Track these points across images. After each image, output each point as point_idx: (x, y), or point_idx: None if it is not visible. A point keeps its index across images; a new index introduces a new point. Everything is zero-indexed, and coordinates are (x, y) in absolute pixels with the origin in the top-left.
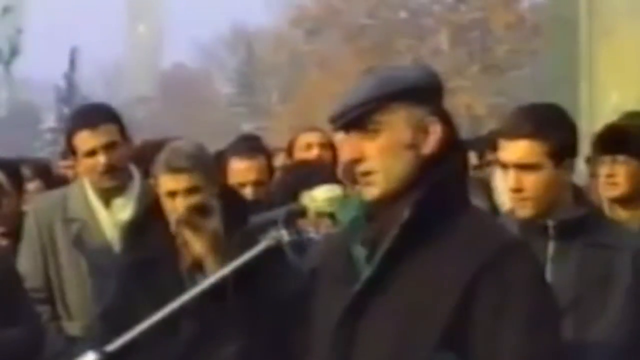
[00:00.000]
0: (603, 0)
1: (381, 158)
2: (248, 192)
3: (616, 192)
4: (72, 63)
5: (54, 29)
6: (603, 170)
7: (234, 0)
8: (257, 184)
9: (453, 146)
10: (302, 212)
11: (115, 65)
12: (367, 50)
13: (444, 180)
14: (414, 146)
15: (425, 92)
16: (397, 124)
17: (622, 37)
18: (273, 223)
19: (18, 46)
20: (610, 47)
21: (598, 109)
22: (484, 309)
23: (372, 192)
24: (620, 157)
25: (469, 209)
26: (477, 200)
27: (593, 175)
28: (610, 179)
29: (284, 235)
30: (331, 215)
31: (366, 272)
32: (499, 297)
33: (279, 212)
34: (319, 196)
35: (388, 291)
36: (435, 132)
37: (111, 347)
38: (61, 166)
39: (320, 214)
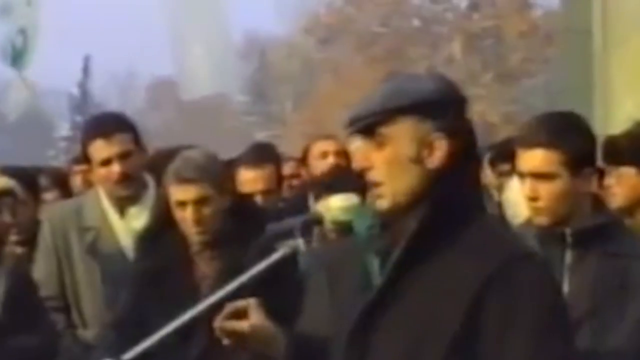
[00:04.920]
0: (617, 10)
1: (386, 169)
2: (257, 201)
3: (617, 202)
4: (86, 71)
5: (66, 36)
6: (607, 180)
7: (247, 8)
8: (265, 193)
9: (463, 159)
10: (318, 221)
11: (129, 73)
12: (380, 58)
13: (452, 194)
14: (418, 161)
15: (434, 106)
16: (402, 137)
17: (635, 47)
18: (289, 232)
19: (24, 47)
20: (624, 57)
21: (612, 118)
22: (492, 318)
23: (382, 203)
24: (621, 168)
25: (480, 219)
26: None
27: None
28: (610, 190)
29: (300, 244)
30: (346, 224)
31: (378, 282)
32: (507, 307)
33: (295, 221)
34: (334, 205)
35: (398, 301)
36: (441, 148)
37: (127, 355)
38: (74, 171)
39: (335, 223)
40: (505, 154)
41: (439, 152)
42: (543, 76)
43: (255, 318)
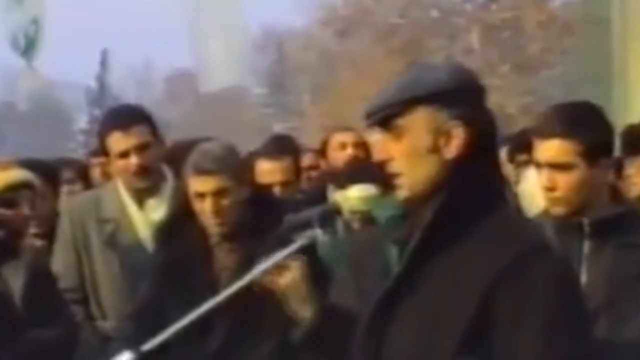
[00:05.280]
0: (636, 0)
1: (405, 161)
2: (275, 192)
3: (638, 191)
4: (104, 64)
5: (84, 29)
6: (627, 170)
7: (264, 1)
8: (284, 184)
9: (482, 148)
10: (336, 211)
11: (146, 65)
12: (398, 50)
13: (468, 184)
14: (436, 150)
15: (449, 95)
16: (418, 128)
17: None
18: (307, 222)
19: (35, 37)
20: None
21: (630, 108)
22: (503, 312)
23: (401, 194)
24: (637, 158)
25: (498, 210)
26: None
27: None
28: (631, 179)
29: (319, 234)
30: (364, 214)
31: (395, 271)
32: (518, 301)
33: (313, 212)
34: (352, 195)
35: (414, 291)
36: (458, 136)
37: (147, 346)
38: (93, 163)
39: (353, 213)
40: (522, 145)
41: (456, 140)
42: (561, 67)
43: (292, 275)
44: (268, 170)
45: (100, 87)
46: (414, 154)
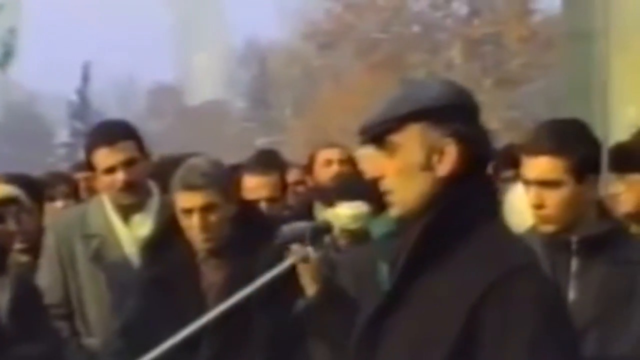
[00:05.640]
0: (619, 14)
1: (397, 178)
2: (262, 208)
3: (626, 208)
4: (85, 78)
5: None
6: (614, 187)
7: (247, 15)
8: (270, 200)
9: (474, 164)
10: (327, 229)
11: (128, 78)
12: (380, 64)
13: (458, 202)
14: (428, 168)
15: (442, 112)
16: (412, 145)
17: (638, 51)
18: (298, 239)
19: (12, 47)
20: (626, 62)
21: (614, 124)
22: (489, 330)
23: (393, 211)
24: (629, 175)
25: (487, 227)
26: None
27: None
28: (619, 197)
29: (311, 251)
30: (355, 232)
31: (386, 288)
32: (503, 319)
33: (305, 229)
34: (344, 213)
35: (403, 308)
36: (450, 153)
37: None
38: (77, 178)
39: (344, 231)
40: (507, 161)
41: (448, 157)
42: (543, 81)
43: (314, 256)
44: (255, 186)
45: (81, 100)
46: (406, 171)
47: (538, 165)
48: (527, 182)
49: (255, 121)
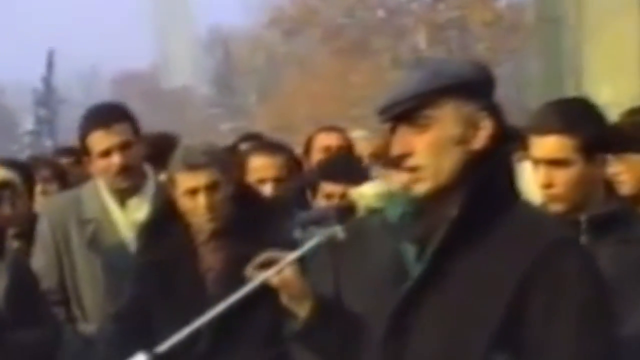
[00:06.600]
0: (590, 0)
1: (430, 153)
2: (268, 188)
3: (625, 189)
4: (50, 66)
5: (29, 32)
6: (613, 167)
7: (212, 2)
8: (276, 180)
9: (502, 140)
10: (352, 208)
11: (93, 66)
12: (344, 50)
13: (493, 176)
14: (463, 142)
15: (476, 87)
16: (447, 119)
17: (612, 34)
18: (320, 221)
19: None
20: (600, 44)
21: None
22: (536, 307)
23: (420, 187)
24: (625, 155)
25: (517, 203)
26: None
27: None
28: (618, 177)
29: (339, 231)
30: (381, 211)
31: (417, 270)
32: (551, 294)
33: (328, 209)
34: (368, 192)
35: (439, 290)
36: (486, 127)
37: (161, 348)
38: (63, 163)
39: (369, 210)
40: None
41: (484, 131)
42: (510, 65)
43: (288, 272)
44: (262, 166)
45: (46, 88)
46: (440, 145)
47: (547, 144)
48: (536, 161)
49: (220, 107)
